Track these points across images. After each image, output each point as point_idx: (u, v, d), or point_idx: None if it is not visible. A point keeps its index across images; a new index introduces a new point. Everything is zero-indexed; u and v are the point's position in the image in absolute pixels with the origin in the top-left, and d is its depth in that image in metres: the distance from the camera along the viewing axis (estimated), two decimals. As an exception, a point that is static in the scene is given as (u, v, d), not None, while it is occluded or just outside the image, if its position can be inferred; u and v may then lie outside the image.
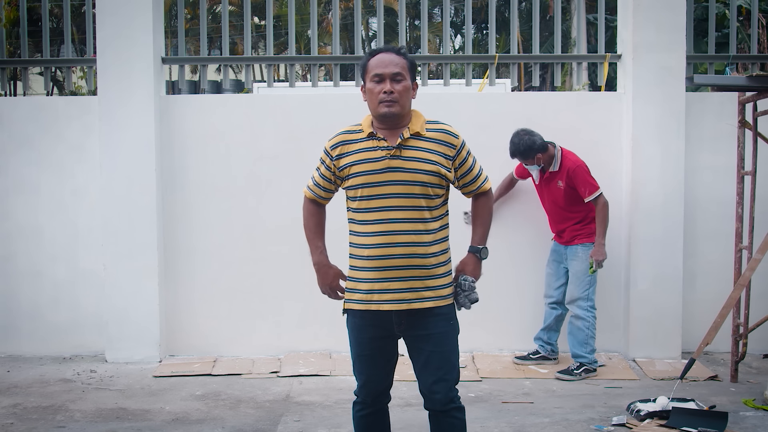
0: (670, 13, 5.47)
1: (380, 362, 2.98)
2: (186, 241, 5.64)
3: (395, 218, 2.82)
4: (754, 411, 4.36)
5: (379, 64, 2.84)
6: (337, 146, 2.94)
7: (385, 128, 2.89)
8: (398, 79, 2.83)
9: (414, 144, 2.86)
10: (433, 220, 2.88)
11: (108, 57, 5.48)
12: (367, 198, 2.86)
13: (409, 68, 2.88)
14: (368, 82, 2.87)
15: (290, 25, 5.96)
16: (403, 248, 2.81)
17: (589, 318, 5.08)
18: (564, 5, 20.91)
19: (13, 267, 5.70)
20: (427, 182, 2.83)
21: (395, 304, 2.84)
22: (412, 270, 2.83)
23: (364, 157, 2.87)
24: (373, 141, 2.87)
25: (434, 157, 2.86)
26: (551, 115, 5.61)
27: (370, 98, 2.87)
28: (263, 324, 5.65)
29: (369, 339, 2.94)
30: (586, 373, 5.06)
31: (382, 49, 2.90)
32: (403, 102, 2.84)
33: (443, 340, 2.88)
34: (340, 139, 2.95)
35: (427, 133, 2.89)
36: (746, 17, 14.85)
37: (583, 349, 5.07)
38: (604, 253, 5.04)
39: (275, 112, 5.67)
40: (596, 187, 5.03)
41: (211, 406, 4.55)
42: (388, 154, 2.84)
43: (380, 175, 2.83)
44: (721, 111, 5.62)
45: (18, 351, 5.69)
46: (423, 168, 2.83)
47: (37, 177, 5.68)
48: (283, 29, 23.39)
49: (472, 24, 13.00)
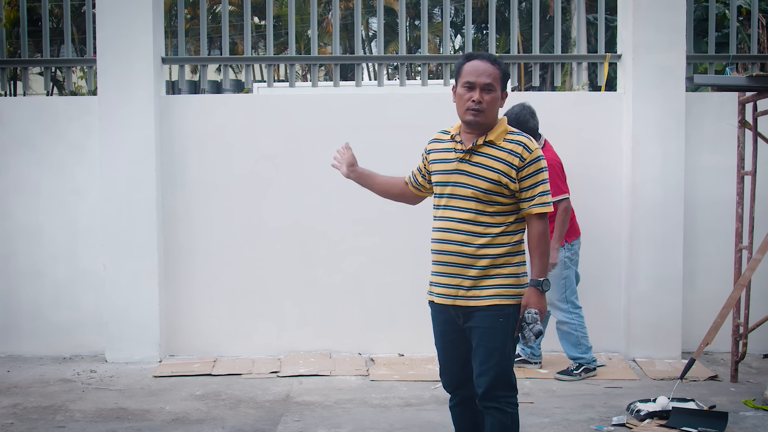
0: (669, 13, 5.46)
1: (450, 353, 3.09)
2: (186, 241, 5.64)
3: (452, 217, 2.97)
4: (754, 411, 4.36)
5: (472, 72, 2.92)
6: (431, 143, 3.14)
7: (468, 133, 3.00)
8: (488, 90, 2.91)
9: (485, 151, 2.95)
10: (495, 225, 2.95)
11: (108, 57, 5.48)
12: (438, 195, 3.04)
13: (501, 78, 2.95)
14: (459, 86, 2.96)
15: (290, 25, 5.96)
16: (453, 246, 2.95)
17: (574, 319, 5.04)
18: (564, 5, 20.91)
19: (14, 267, 5.70)
20: (486, 189, 2.92)
21: (445, 299, 2.99)
22: (460, 268, 2.95)
23: (442, 157, 3.04)
24: (452, 143, 3.02)
25: (500, 166, 2.92)
26: (551, 115, 5.60)
27: (459, 103, 2.97)
28: (263, 324, 5.65)
29: (440, 330, 3.10)
30: (585, 372, 5.06)
31: (478, 56, 2.97)
32: (488, 112, 2.93)
33: (489, 335, 2.94)
34: (434, 137, 3.15)
35: (503, 143, 2.95)
36: (746, 17, 14.85)
37: (577, 350, 5.06)
38: (556, 257, 4.94)
39: (275, 112, 5.67)
40: (563, 190, 4.93)
41: (211, 406, 4.55)
42: (458, 157, 2.97)
43: (450, 176, 2.99)
44: (721, 111, 5.62)
45: (18, 351, 5.69)
46: (485, 175, 2.92)
47: (37, 177, 5.68)
48: (283, 29, 23.39)
49: (472, 24, 12.99)
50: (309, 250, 5.62)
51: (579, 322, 5.05)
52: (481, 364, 2.96)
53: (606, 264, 5.63)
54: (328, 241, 5.62)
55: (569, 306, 5.04)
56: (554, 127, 5.57)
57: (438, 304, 3.03)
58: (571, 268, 5.06)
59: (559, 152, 5.58)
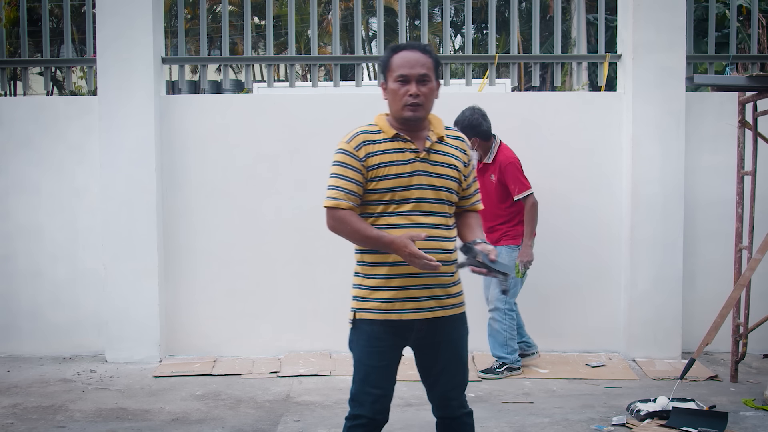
0: (670, 13, 5.47)
1: (394, 372, 2.82)
2: (186, 241, 5.64)
3: (425, 223, 2.68)
4: (754, 411, 4.36)
5: (404, 64, 2.67)
6: (361, 146, 2.69)
7: (406, 130, 2.73)
8: (425, 81, 2.68)
9: (439, 149, 2.74)
10: (453, 227, 2.80)
11: (108, 57, 5.48)
12: (397, 202, 2.68)
13: (435, 67, 2.72)
14: (392, 81, 2.69)
15: (290, 25, 5.96)
16: (432, 255, 2.62)
17: (506, 321, 5.04)
18: (564, 5, 20.91)
19: (14, 267, 5.70)
20: (452, 188, 2.74)
21: (419, 313, 2.70)
22: (438, 277, 2.70)
23: (391, 159, 2.68)
24: (398, 142, 2.70)
25: (456, 163, 2.77)
26: (551, 115, 5.62)
27: (393, 99, 2.70)
28: (263, 324, 5.65)
29: (389, 348, 2.76)
30: (509, 371, 5.06)
31: (407, 46, 2.72)
32: (427, 105, 2.70)
33: (460, 345, 2.81)
34: (361, 139, 2.71)
35: (449, 139, 2.79)
36: (746, 17, 14.86)
37: (503, 350, 5.06)
38: (531, 254, 4.96)
39: (275, 112, 5.67)
40: (527, 186, 4.95)
41: (211, 406, 4.55)
42: (417, 157, 2.70)
43: (410, 179, 2.67)
44: (721, 111, 5.62)
45: (18, 351, 5.69)
46: (448, 174, 2.73)
47: (37, 177, 5.68)
48: (283, 29, 23.39)
49: (472, 24, 13.00)
50: (309, 250, 5.62)
51: (510, 324, 5.06)
52: (455, 376, 2.81)
53: (606, 264, 5.63)
54: (328, 241, 5.57)
55: (506, 307, 5.04)
56: (554, 127, 5.58)
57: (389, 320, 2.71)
58: None
59: (559, 152, 5.61)
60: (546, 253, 5.49)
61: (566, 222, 5.60)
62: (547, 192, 5.54)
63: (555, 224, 5.56)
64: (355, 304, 2.83)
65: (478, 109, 5.06)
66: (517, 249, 5.00)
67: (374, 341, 2.75)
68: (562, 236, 5.59)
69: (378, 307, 2.73)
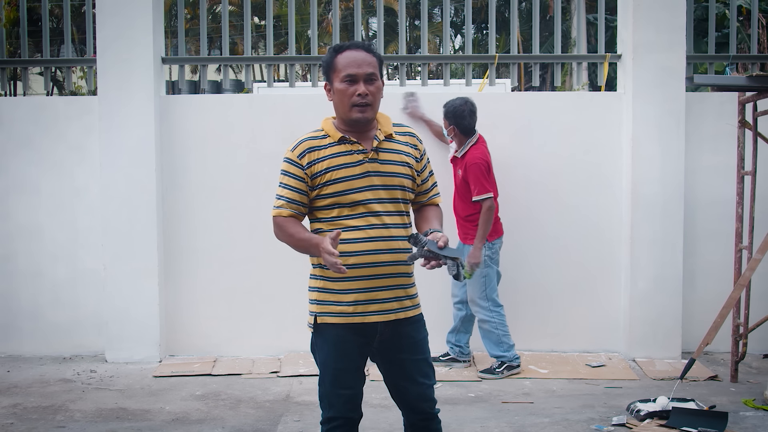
0: (669, 13, 5.46)
1: (363, 371, 2.77)
2: (186, 241, 5.64)
3: (382, 224, 2.64)
4: (754, 411, 4.36)
5: (351, 63, 2.63)
6: (304, 154, 2.68)
7: (354, 131, 2.69)
8: (372, 80, 2.64)
9: (388, 146, 2.71)
10: (408, 225, 2.75)
11: (108, 57, 5.48)
12: (349, 205, 2.64)
13: (380, 66, 2.70)
14: (338, 82, 2.64)
15: (290, 25, 5.96)
16: (392, 255, 2.64)
17: (494, 318, 5.03)
18: (564, 5, 20.91)
19: (14, 267, 5.70)
20: (406, 186, 2.71)
21: (382, 315, 2.67)
22: (398, 278, 2.68)
23: (339, 163, 2.64)
24: (345, 145, 2.67)
25: (408, 159, 2.73)
26: (551, 115, 5.61)
27: (340, 100, 2.66)
28: (263, 324, 5.65)
29: (356, 348, 2.70)
30: (508, 370, 5.06)
31: (351, 46, 2.67)
32: (375, 105, 2.67)
33: (425, 345, 2.78)
34: (306, 146, 2.69)
35: (398, 136, 2.76)
36: (746, 17, 14.86)
37: (499, 348, 5.06)
38: (479, 256, 4.94)
39: (275, 112, 5.67)
40: (486, 189, 4.90)
41: (211, 406, 4.55)
42: (366, 157, 2.66)
43: (360, 181, 2.64)
44: (721, 111, 5.62)
45: (18, 351, 5.69)
46: (400, 171, 2.70)
47: (37, 177, 5.68)
48: (283, 29, 23.39)
49: (472, 24, 13.00)
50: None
51: (500, 320, 5.05)
52: (425, 377, 2.75)
53: (606, 264, 5.63)
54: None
55: (490, 304, 5.04)
56: (554, 126, 5.58)
57: (353, 323, 2.67)
58: (491, 266, 5.05)
59: (559, 152, 5.60)
60: (546, 252, 5.49)
61: (566, 222, 5.60)
62: (547, 192, 5.55)
63: (555, 224, 5.56)
64: (315, 308, 2.79)
65: (471, 103, 5.04)
66: (483, 248, 4.98)
67: (340, 344, 2.71)
68: (562, 236, 5.59)
69: (342, 310, 2.68)
